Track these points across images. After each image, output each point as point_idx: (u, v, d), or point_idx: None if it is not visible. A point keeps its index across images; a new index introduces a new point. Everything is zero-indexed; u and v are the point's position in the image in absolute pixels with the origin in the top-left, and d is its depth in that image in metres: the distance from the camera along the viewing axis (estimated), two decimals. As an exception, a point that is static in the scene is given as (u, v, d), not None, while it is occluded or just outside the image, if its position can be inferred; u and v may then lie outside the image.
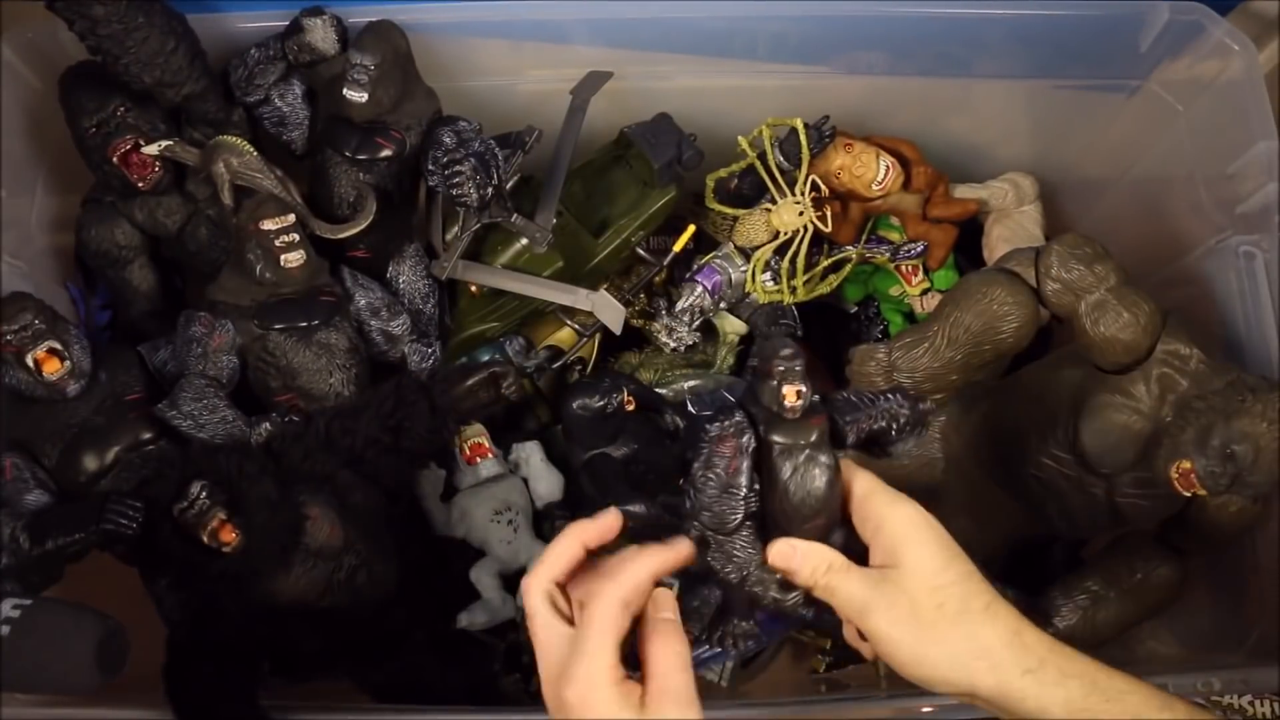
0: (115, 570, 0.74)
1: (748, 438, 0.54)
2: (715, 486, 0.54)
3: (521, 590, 0.55)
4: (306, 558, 0.73)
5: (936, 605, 0.52)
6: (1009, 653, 0.51)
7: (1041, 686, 0.51)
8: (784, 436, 0.54)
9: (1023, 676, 0.51)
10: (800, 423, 0.54)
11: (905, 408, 0.57)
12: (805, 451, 0.53)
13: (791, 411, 0.53)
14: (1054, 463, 0.79)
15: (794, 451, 0.53)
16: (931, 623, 0.52)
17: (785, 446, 0.53)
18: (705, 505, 0.55)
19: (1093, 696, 0.51)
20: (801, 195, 0.95)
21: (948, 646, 0.52)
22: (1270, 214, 0.84)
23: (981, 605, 0.52)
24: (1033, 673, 0.51)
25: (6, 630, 0.62)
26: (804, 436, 0.54)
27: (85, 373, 0.81)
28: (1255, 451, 0.68)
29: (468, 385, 0.82)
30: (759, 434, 0.54)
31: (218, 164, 0.86)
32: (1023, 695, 0.51)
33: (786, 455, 0.53)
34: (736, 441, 0.54)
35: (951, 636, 0.52)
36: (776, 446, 0.53)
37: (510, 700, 0.86)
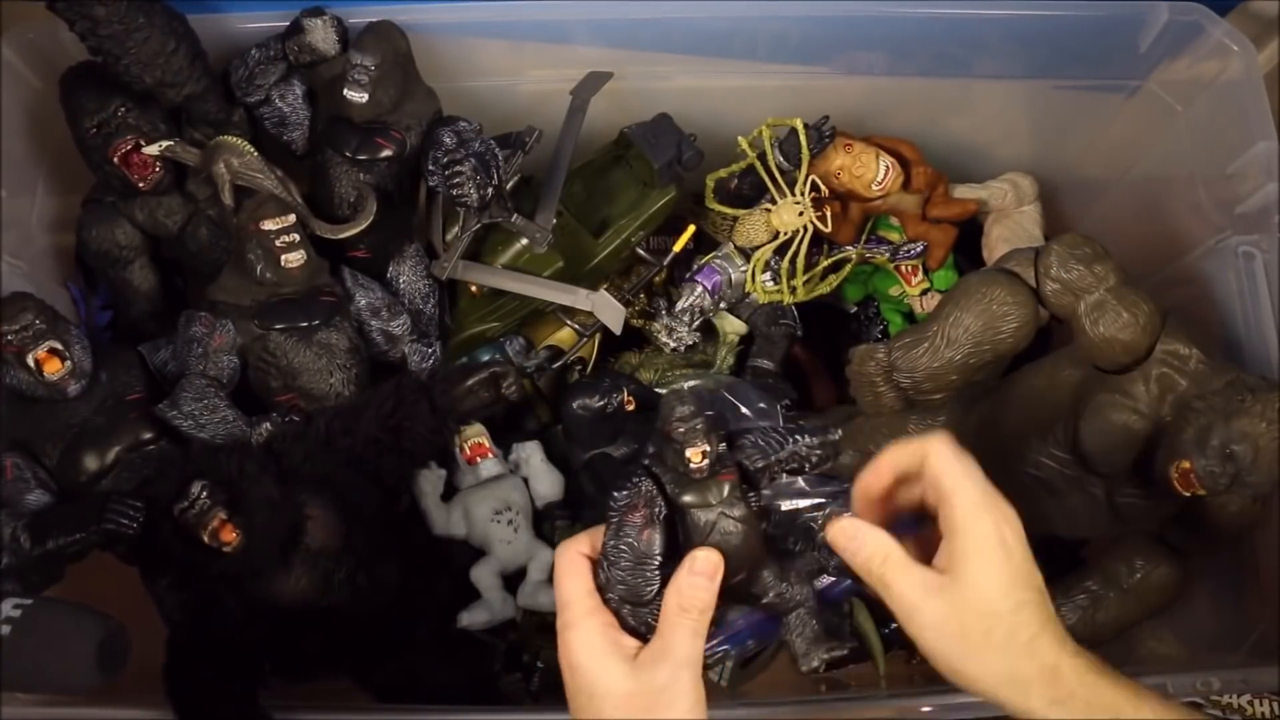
0: (116, 570, 0.74)
1: (659, 506, 0.54)
2: (629, 558, 0.53)
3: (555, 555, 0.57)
4: (307, 558, 0.73)
5: (984, 631, 0.52)
6: (1041, 686, 0.52)
7: (1069, 716, 0.51)
8: (694, 497, 0.54)
9: (1049, 707, 0.52)
10: (709, 481, 0.53)
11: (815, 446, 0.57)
12: (717, 510, 0.53)
13: (698, 471, 0.53)
14: (1054, 463, 0.79)
15: (706, 510, 0.53)
16: (976, 645, 0.52)
17: (697, 508, 0.53)
18: (620, 579, 0.54)
19: None
20: (801, 195, 0.95)
21: (985, 669, 0.52)
22: (1270, 214, 0.84)
23: (1027, 638, 0.52)
24: (1060, 704, 0.52)
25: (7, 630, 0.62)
26: (714, 495, 0.54)
27: (86, 373, 0.81)
28: (1255, 451, 0.68)
29: (468, 385, 0.82)
30: (668, 496, 0.54)
31: (218, 164, 0.86)
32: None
33: (700, 515, 0.53)
34: (647, 511, 0.53)
35: (991, 661, 0.52)
36: (688, 510, 0.53)
37: (510, 700, 0.86)
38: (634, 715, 0.51)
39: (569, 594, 0.55)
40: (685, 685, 0.52)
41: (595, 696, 0.52)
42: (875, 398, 0.84)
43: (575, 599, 0.54)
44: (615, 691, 0.52)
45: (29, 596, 0.65)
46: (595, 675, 0.52)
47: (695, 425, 0.52)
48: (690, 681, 0.52)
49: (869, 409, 0.86)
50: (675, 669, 0.52)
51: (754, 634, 0.85)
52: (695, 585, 0.54)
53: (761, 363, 1.00)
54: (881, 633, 0.91)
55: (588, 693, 0.52)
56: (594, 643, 0.53)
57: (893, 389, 0.83)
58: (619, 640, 0.54)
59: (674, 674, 0.52)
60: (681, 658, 0.52)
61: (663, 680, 0.52)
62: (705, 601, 0.53)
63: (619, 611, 0.55)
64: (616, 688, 0.52)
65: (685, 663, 0.52)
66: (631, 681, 0.52)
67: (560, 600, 0.55)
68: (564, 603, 0.55)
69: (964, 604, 0.52)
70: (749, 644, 0.86)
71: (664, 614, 0.54)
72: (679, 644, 0.52)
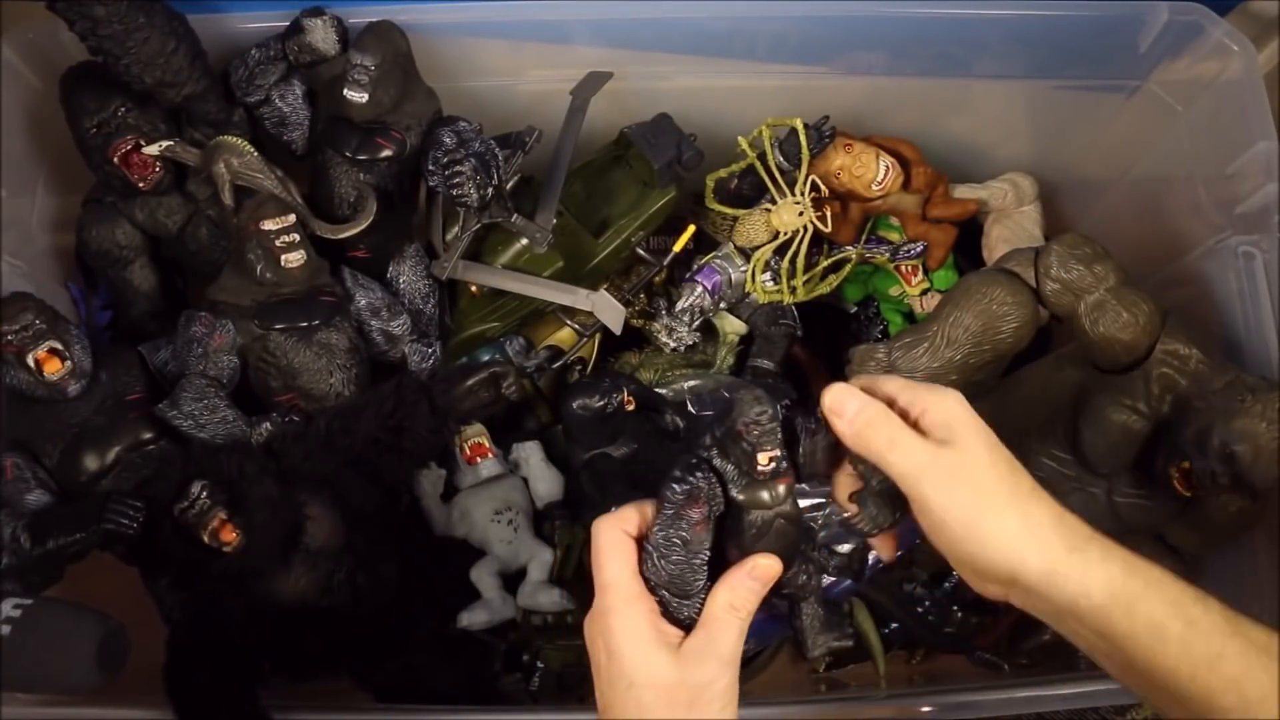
0: (116, 570, 0.74)
1: (717, 502, 0.53)
2: (681, 552, 0.52)
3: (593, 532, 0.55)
4: (307, 557, 0.73)
5: (996, 479, 0.52)
6: (1057, 532, 0.51)
7: (1086, 565, 0.50)
8: (757, 499, 0.53)
9: (1069, 555, 0.50)
10: (770, 484, 0.53)
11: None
12: (774, 511, 0.53)
13: (763, 474, 0.52)
14: (1054, 463, 0.79)
15: (765, 511, 0.53)
16: (990, 495, 0.51)
17: (758, 508, 0.53)
18: (669, 570, 0.52)
19: (1133, 580, 0.50)
20: (801, 195, 0.95)
21: (1003, 522, 0.51)
22: (1269, 214, 0.84)
23: (1030, 487, 0.52)
24: (1079, 550, 0.51)
25: (7, 630, 0.62)
26: (775, 500, 0.53)
27: (86, 373, 0.81)
28: (1254, 451, 0.68)
29: (468, 385, 0.82)
30: (728, 494, 0.53)
31: (218, 164, 0.86)
32: (1067, 575, 0.50)
33: (757, 515, 0.53)
34: (707, 507, 0.52)
35: (1007, 511, 0.51)
36: (748, 508, 0.53)
37: (510, 700, 0.86)
38: (676, 708, 0.51)
39: (613, 576, 0.53)
40: (726, 683, 0.51)
41: (635, 685, 0.51)
42: (875, 398, 0.84)
43: (620, 582, 0.53)
44: (658, 682, 0.51)
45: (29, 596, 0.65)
46: (638, 663, 0.51)
47: (772, 429, 0.51)
48: (731, 680, 0.52)
49: (869, 409, 0.86)
50: (720, 667, 0.51)
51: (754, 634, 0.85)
52: (752, 590, 0.53)
53: (761, 363, 1.00)
54: (881, 633, 0.91)
55: (627, 680, 0.51)
56: (639, 629, 0.52)
57: (893, 389, 0.83)
58: (663, 629, 0.53)
59: (719, 671, 0.51)
60: (727, 656, 0.52)
61: (707, 676, 0.51)
62: (755, 605, 0.53)
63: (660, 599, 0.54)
64: (659, 678, 0.51)
65: (729, 661, 0.52)
66: (676, 673, 0.51)
67: (602, 582, 0.53)
68: (606, 584, 0.53)
69: (969, 455, 0.52)
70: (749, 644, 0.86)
71: (713, 609, 0.53)
72: (725, 642, 0.52)
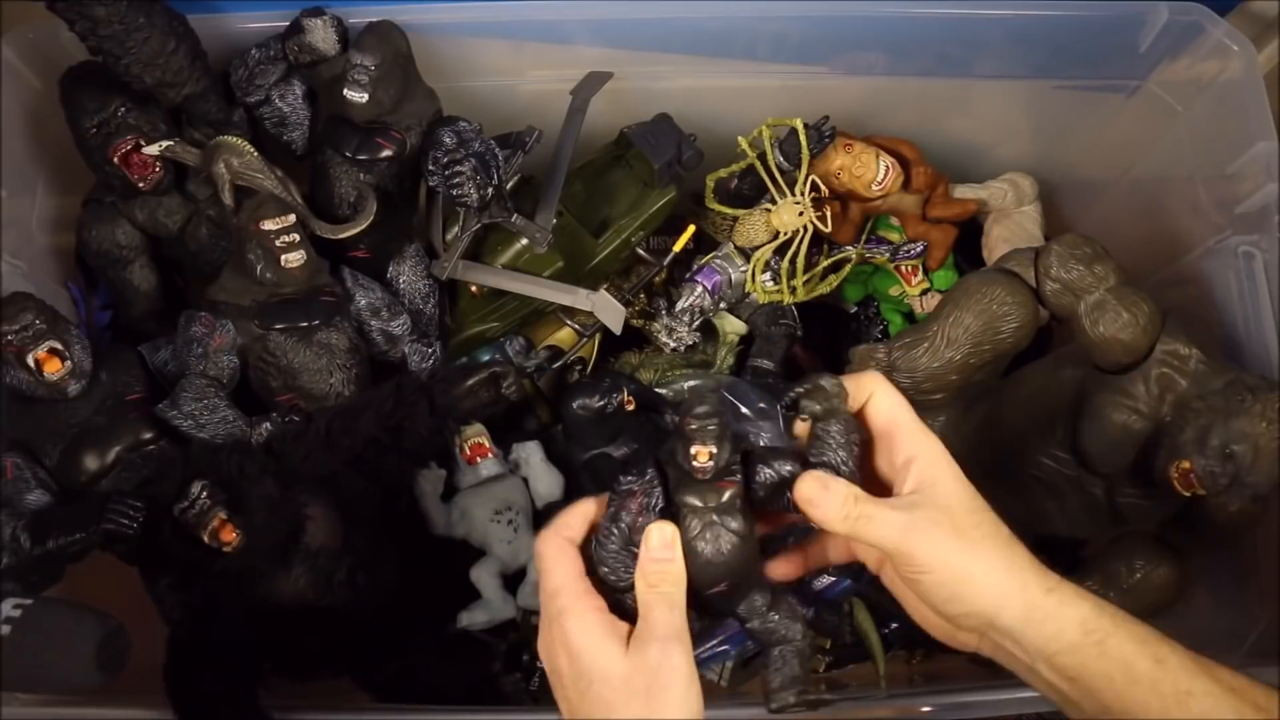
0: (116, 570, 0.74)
1: (656, 496, 0.53)
2: (617, 542, 0.53)
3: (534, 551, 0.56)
4: (307, 557, 0.73)
5: (976, 524, 0.53)
6: (1035, 574, 0.52)
7: (1061, 605, 0.52)
8: (691, 497, 0.53)
9: (1046, 595, 0.52)
10: (709, 485, 0.52)
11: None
12: (711, 515, 0.53)
13: (700, 472, 0.52)
14: (1054, 463, 0.79)
15: (699, 514, 0.53)
16: (975, 541, 0.52)
17: (691, 508, 0.53)
18: (603, 559, 0.53)
19: (1103, 617, 0.52)
20: (801, 195, 0.95)
21: (988, 563, 0.52)
22: (1269, 214, 0.84)
23: (1007, 531, 0.54)
24: (1054, 592, 0.52)
25: (7, 630, 0.62)
26: (711, 500, 0.53)
27: (86, 373, 0.81)
28: (1255, 451, 0.68)
29: (468, 385, 0.82)
30: (668, 492, 0.53)
31: (218, 164, 0.86)
32: (1045, 615, 0.51)
33: (692, 517, 0.53)
34: (644, 499, 0.53)
35: (992, 556, 0.52)
36: (683, 508, 0.53)
37: (510, 700, 0.86)
38: (634, 700, 0.51)
39: (558, 581, 0.54)
40: (677, 661, 0.51)
41: (595, 682, 0.51)
42: (875, 398, 0.84)
43: (566, 585, 0.53)
44: (613, 674, 0.51)
45: (29, 596, 0.65)
46: (594, 659, 0.52)
47: (708, 426, 0.51)
48: (681, 656, 0.51)
49: (869, 409, 0.86)
50: (663, 645, 0.51)
51: (754, 634, 0.85)
52: (655, 560, 0.53)
53: (761, 363, 1.00)
54: (881, 633, 0.91)
55: (587, 679, 0.52)
56: (591, 626, 0.52)
57: (893, 389, 0.83)
58: (614, 623, 0.53)
59: (663, 650, 0.51)
60: (663, 633, 0.51)
61: (655, 659, 0.51)
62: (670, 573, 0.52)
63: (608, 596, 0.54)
64: (614, 670, 0.51)
65: (669, 637, 0.51)
66: (628, 663, 0.51)
67: (549, 589, 0.54)
68: (553, 591, 0.54)
69: (949, 505, 0.53)
70: (749, 644, 0.86)
71: (638, 594, 0.53)
72: (657, 620, 0.52)
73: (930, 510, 0.52)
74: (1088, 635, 0.51)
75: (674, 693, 0.50)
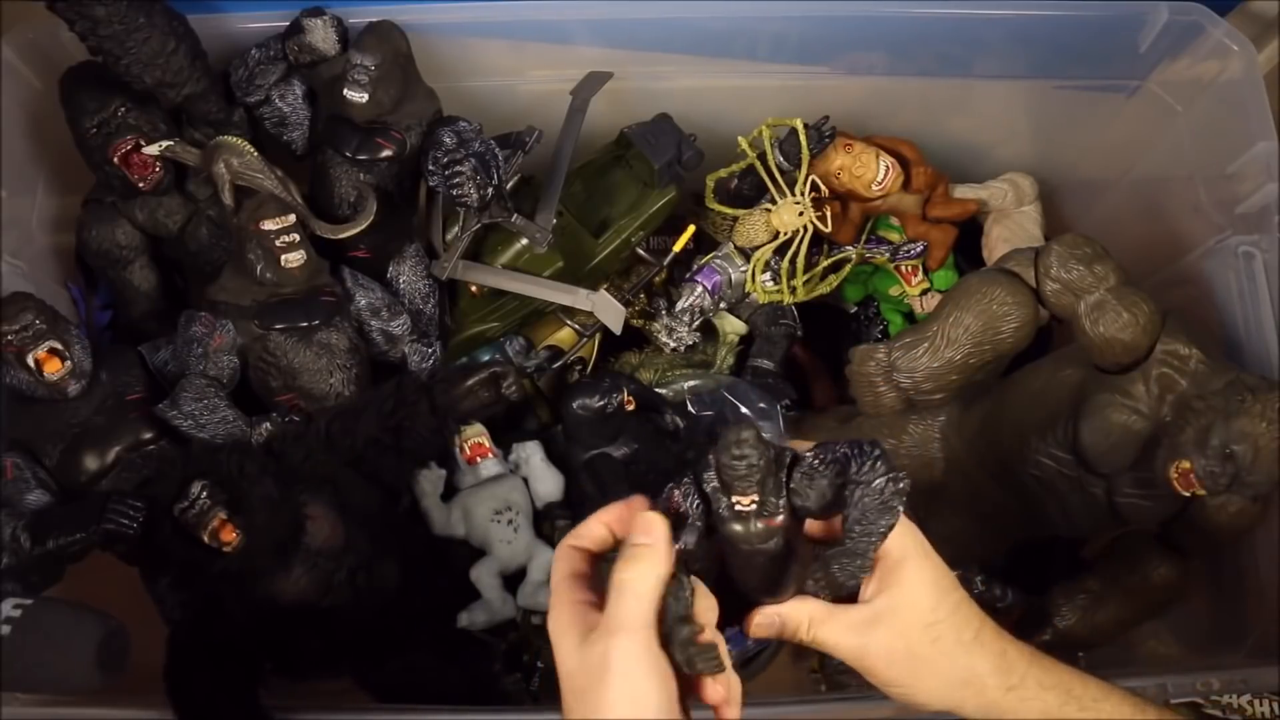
0: (116, 570, 0.74)
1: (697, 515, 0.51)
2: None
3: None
4: (307, 558, 0.73)
5: (932, 640, 0.53)
6: (995, 676, 0.53)
7: (1022, 701, 0.53)
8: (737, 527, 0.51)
9: (1006, 695, 0.53)
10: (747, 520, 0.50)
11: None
12: (757, 546, 0.51)
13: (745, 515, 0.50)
14: (1054, 463, 0.79)
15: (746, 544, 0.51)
16: (925, 658, 0.53)
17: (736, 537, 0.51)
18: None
19: (1068, 706, 0.53)
20: (801, 195, 0.95)
21: (940, 678, 0.54)
22: (1270, 214, 0.84)
23: (971, 635, 0.54)
24: (1015, 690, 0.53)
25: (7, 630, 0.62)
26: (747, 537, 0.51)
27: (86, 373, 0.81)
28: (1254, 451, 0.68)
29: (468, 385, 0.82)
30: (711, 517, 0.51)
31: (218, 164, 0.86)
32: (1003, 712, 0.53)
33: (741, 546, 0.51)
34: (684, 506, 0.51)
35: (944, 669, 0.53)
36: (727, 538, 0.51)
37: (510, 700, 0.86)
38: (576, 695, 0.48)
39: (554, 581, 0.53)
40: (623, 654, 0.47)
41: (561, 677, 0.50)
42: (875, 398, 0.84)
43: (557, 584, 0.53)
44: (566, 669, 0.49)
45: (29, 596, 0.65)
46: (560, 653, 0.50)
47: (747, 474, 0.48)
48: (630, 649, 0.47)
49: (869, 409, 0.86)
50: (610, 638, 0.47)
51: (754, 634, 0.85)
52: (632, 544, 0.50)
53: (761, 363, 1.00)
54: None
55: (560, 674, 0.50)
56: (561, 619, 0.51)
57: (893, 389, 0.83)
58: (586, 617, 0.50)
59: (609, 643, 0.47)
60: (614, 625, 0.48)
61: (599, 654, 0.48)
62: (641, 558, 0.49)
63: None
64: (567, 665, 0.49)
65: (619, 629, 0.48)
66: (577, 658, 0.49)
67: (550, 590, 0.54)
68: (551, 590, 0.53)
69: (905, 623, 0.53)
70: (749, 644, 0.85)
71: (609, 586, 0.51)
72: (612, 612, 0.48)
73: (884, 631, 0.53)
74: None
75: (615, 692, 0.46)
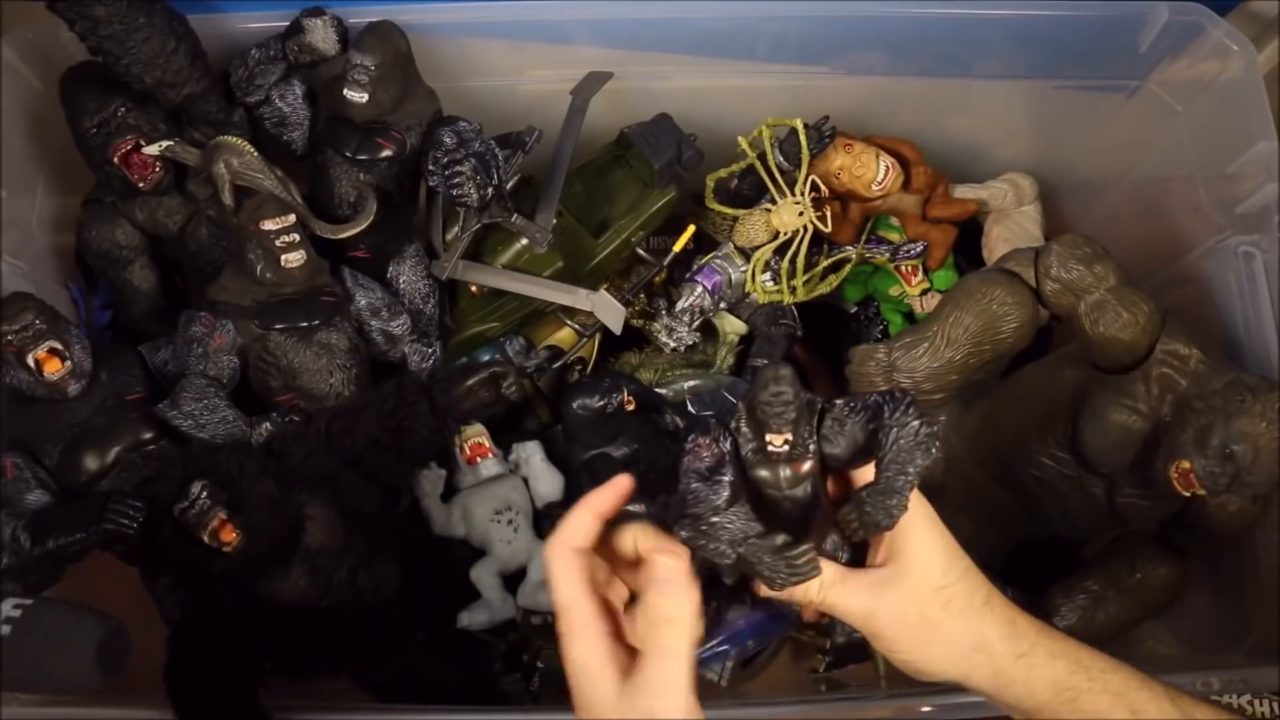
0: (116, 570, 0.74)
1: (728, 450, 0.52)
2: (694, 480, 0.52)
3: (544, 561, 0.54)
4: (307, 557, 0.73)
5: (942, 604, 0.53)
6: (1005, 643, 0.54)
7: (1031, 670, 0.54)
8: (765, 472, 0.51)
9: (1016, 662, 0.53)
10: (776, 464, 0.51)
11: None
12: (785, 492, 0.52)
13: (777, 456, 0.51)
14: (1054, 463, 0.79)
15: (775, 489, 0.52)
16: (936, 622, 0.53)
17: (764, 483, 0.52)
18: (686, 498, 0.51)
19: (1077, 675, 0.54)
20: (801, 195, 0.95)
21: (951, 643, 0.54)
22: (1270, 214, 0.84)
23: (981, 599, 0.54)
24: (1024, 657, 0.54)
25: (7, 630, 0.62)
26: (787, 482, 0.51)
27: (86, 373, 0.81)
28: (1254, 451, 0.68)
29: (468, 385, 0.82)
30: (743, 466, 0.52)
31: (218, 164, 0.86)
32: (1012, 680, 0.54)
33: (770, 492, 0.52)
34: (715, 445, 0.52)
35: (955, 632, 0.54)
36: (758, 483, 0.52)
37: (510, 700, 0.86)
38: None
39: (567, 598, 0.52)
40: (670, 707, 0.50)
41: (590, 708, 0.51)
42: (875, 398, 0.84)
43: (575, 603, 0.52)
44: (603, 707, 0.51)
45: (29, 596, 0.65)
46: (592, 686, 0.51)
47: (785, 412, 0.49)
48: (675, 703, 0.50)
49: (869, 409, 0.86)
50: (655, 694, 0.50)
51: (754, 634, 0.85)
52: (658, 594, 0.51)
53: (761, 363, 1.00)
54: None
55: (585, 704, 0.52)
56: (591, 655, 0.51)
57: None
58: (615, 653, 0.52)
59: (655, 699, 0.50)
60: (657, 683, 0.50)
61: (644, 705, 0.50)
62: (676, 612, 0.51)
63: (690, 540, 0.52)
64: (605, 703, 0.51)
65: (663, 688, 0.50)
66: (617, 703, 0.51)
67: (559, 604, 0.53)
68: (563, 607, 0.53)
69: (916, 586, 0.53)
70: (749, 644, 0.86)
71: (640, 635, 0.52)
72: (653, 674, 0.50)
73: (891, 597, 0.53)
74: (1059, 694, 0.53)
75: None
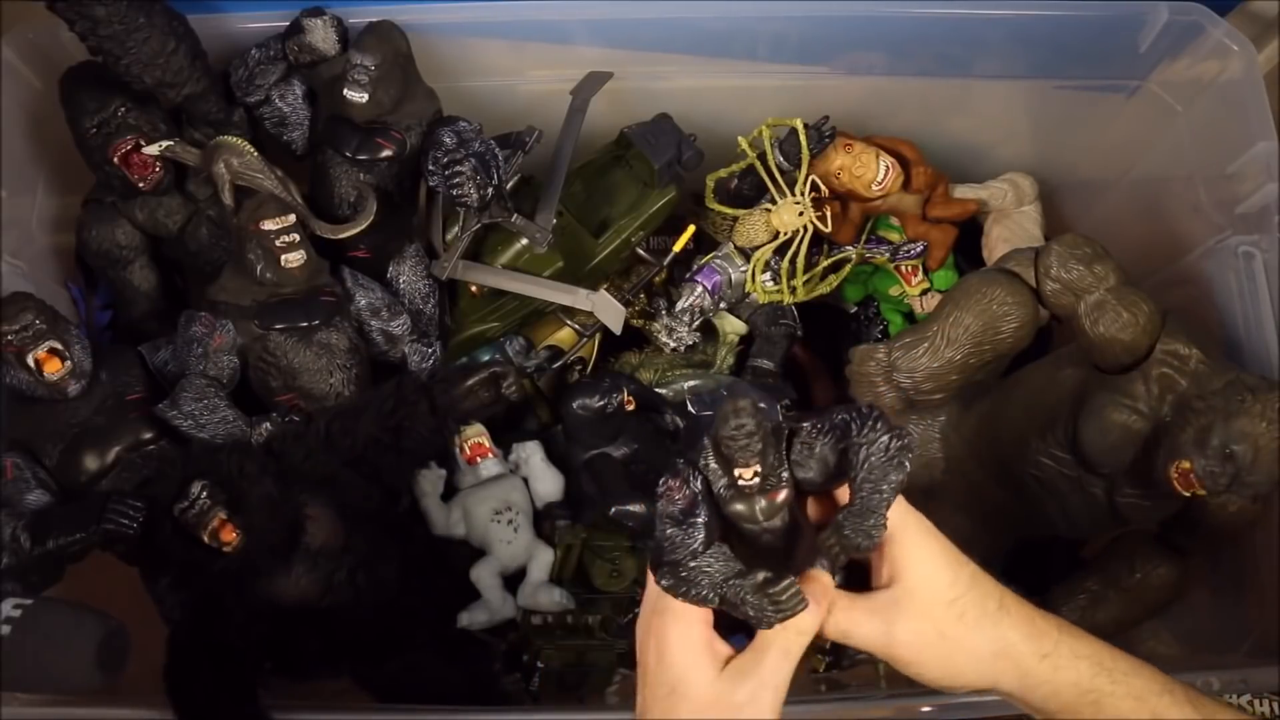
0: (116, 570, 0.74)
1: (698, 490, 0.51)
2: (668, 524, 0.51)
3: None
4: (307, 557, 0.73)
5: (957, 617, 0.53)
6: (1028, 643, 0.53)
7: (1056, 670, 0.53)
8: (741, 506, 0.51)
9: (1041, 663, 0.53)
10: (751, 498, 0.51)
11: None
12: (763, 525, 0.51)
13: (749, 489, 0.50)
14: (1054, 463, 0.79)
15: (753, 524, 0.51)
16: (955, 637, 0.53)
17: (741, 517, 0.51)
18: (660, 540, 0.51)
19: (1100, 677, 0.53)
20: (801, 195, 0.95)
21: (974, 655, 0.53)
22: (1269, 214, 0.84)
23: (995, 604, 0.53)
24: (1049, 657, 0.53)
25: (7, 630, 0.62)
26: (764, 514, 0.51)
27: (86, 373, 0.81)
28: (1254, 451, 0.68)
29: (468, 385, 0.82)
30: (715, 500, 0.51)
31: (218, 164, 0.86)
32: (1039, 681, 0.53)
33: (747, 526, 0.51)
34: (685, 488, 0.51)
35: (976, 642, 0.53)
36: (734, 519, 0.51)
37: (510, 700, 0.86)
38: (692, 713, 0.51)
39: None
40: (764, 705, 0.51)
41: (675, 693, 0.51)
42: (875, 398, 0.84)
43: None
44: (696, 695, 0.51)
45: (29, 596, 0.65)
46: (683, 672, 0.51)
47: (747, 444, 0.48)
48: (770, 702, 0.51)
49: (869, 409, 0.86)
50: (758, 689, 0.51)
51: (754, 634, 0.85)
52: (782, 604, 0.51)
53: (761, 363, 1.00)
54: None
55: (669, 685, 0.52)
56: (693, 638, 0.52)
57: (893, 389, 0.83)
58: (714, 642, 0.53)
59: (755, 694, 0.51)
60: (767, 678, 0.51)
61: (743, 697, 0.51)
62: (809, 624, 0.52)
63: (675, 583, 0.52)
64: (699, 691, 0.51)
65: (769, 684, 0.51)
66: (714, 689, 0.51)
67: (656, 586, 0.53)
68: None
69: (927, 603, 0.53)
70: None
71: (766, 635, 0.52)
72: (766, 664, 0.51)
73: (908, 615, 0.53)
74: (1083, 696, 0.53)
75: None
